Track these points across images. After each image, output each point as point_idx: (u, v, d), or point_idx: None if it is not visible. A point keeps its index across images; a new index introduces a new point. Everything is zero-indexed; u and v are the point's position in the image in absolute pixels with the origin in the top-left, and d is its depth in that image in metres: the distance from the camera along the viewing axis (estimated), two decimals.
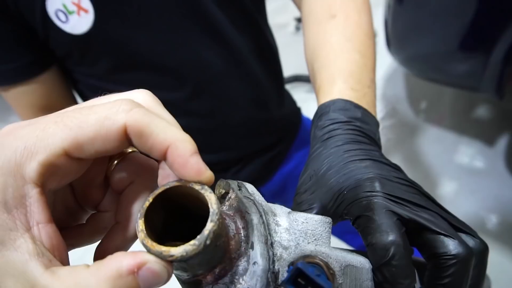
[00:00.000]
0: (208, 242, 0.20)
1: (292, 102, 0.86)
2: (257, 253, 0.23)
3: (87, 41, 0.56)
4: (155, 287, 0.20)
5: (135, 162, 0.25)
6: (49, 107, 0.64)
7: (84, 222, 0.27)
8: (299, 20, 2.89)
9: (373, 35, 0.51)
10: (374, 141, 0.38)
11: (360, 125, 0.38)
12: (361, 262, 0.28)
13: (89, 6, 0.53)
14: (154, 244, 0.20)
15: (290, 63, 2.25)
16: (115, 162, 0.25)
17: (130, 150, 0.26)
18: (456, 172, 1.69)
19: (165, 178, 0.23)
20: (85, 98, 0.70)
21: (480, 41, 1.23)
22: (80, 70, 0.63)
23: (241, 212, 0.25)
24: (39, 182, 0.20)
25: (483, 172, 1.66)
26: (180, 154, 0.21)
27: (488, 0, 1.15)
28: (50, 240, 0.20)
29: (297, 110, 0.87)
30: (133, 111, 0.20)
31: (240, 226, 0.24)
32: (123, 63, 0.60)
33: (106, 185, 0.26)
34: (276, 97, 0.77)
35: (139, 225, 0.20)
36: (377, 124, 0.41)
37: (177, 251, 0.19)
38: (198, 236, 0.20)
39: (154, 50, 0.60)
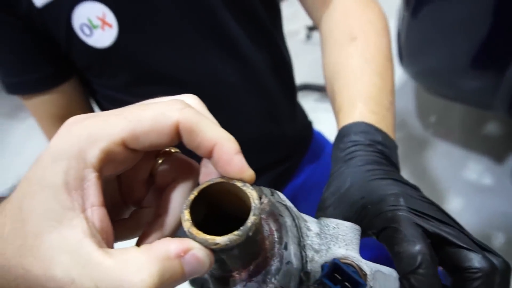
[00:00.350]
0: (250, 233, 0.21)
1: (304, 116, 0.87)
2: (291, 253, 0.24)
3: (108, 54, 0.57)
4: (196, 274, 0.21)
5: (178, 161, 0.27)
6: (67, 117, 0.65)
7: (126, 217, 0.28)
8: (310, 28, 2.89)
9: (392, 57, 0.51)
10: (393, 164, 0.39)
11: (381, 148, 0.39)
12: (389, 270, 0.29)
13: (113, 21, 0.54)
14: (200, 232, 0.21)
15: (300, 71, 2.25)
16: (161, 160, 0.27)
17: (174, 150, 0.28)
18: (463, 188, 1.68)
19: (207, 176, 0.25)
20: (102, 108, 0.71)
21: (494, 58, 1.23)
22: (99, 81, 0.64)
23: (274, 215, 0.26)
24: (98, 167, 0.21)
25: (490, 190, 1.65)
26: (226, 152, 0.22)
27: (503, 18, 1.15)
28: (101, 223, 0.21)
29: (309, 124, 0.87)
30: (185, 110, 0.22)
31: (274, 229, 0.25)
32: (142, 77, 0.61)
33: (150, 183, 0.28)
34: (289, 113, 0.77)
35: (185, 215, 0.22)
36: (396, 147, 0.42)
37: (222, 239, 0.21)
38: (241, 227, 0.21)
39: (173, 65, 0.61)
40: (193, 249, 0.21)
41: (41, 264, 0.19)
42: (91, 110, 0.71)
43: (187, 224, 0.21)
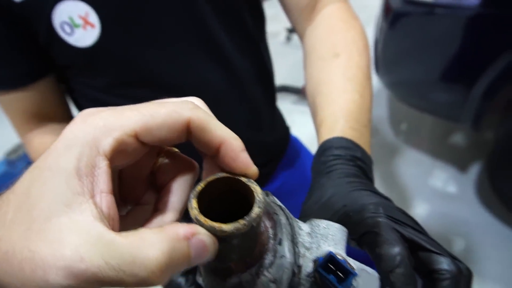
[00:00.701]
0: (254, 224, 0.22)
1: (283, 122, 0.88)
2: (285, 248, 0.25)
3: (90, 54, 0.56)
4: (200, 260, 0.22)
5: (178, 159, 0.28)
6: (41, 115, 0.63)
7: (123, 214, 0.29)
8: (290, 30, 2.91)
9: (370, 77, 0.54)
10: (370, 178, 0.42)
11: (359, 164, 0.42)
12: (372, 270, 0.31)
13: (96, 21, 0.53)
14: (207, 220, 0.22)
15: (279, 73, 2.28)
16: (162, 158, 0.28)
17: (175, 150, 0.29)
18: (429, 195, 1.75)
19: (210, 172, 0.26)
20: (80, 107, 0.69)
21: (462, 75, 1.29)
22: (80, 80, 0.62)
23: (269, 214, 0.27)
24: (110, 156, 0.22)
25: (454, 197, 1.73)
26: (233, 149, 0.24)
27: (473, 38, 1.21)
28: (109, 210, 0.22)
29: (287, 130, 0.89)
30: (197, 110, 0.24)
31: (269, 226, 0.26)
32: (125, 79, 0.60)
33: (149, 181, 0.29)
34: (269, 120, 0.78)
35: (193, 204, 0.23)
36: (372, 163, 0.45)
37: (228, 227, 0.22)
38: (247, 217, 0.22)
39: (158, 68, 0.60)
40: (200, 234, 0.22)
41: (49, 245, 0.19)
42: (67, 108, 0.69)
43: (195, 212, 0.22)
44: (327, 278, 0.25)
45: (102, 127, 0.22)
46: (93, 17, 0.53)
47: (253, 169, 0.25)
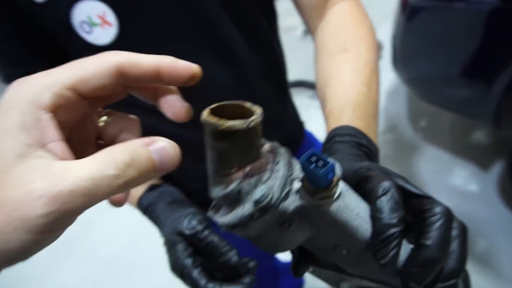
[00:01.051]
0: (251, 125, 0.25)
1: (296, 117, 0.88)
2: (281, 165, 0.28)
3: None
4: (167, 165, 0.24)
5: (119, 117, 0.30)
6: None
7: None
8: None
9: (378, 71, 0.55)
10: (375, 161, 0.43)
11: (365, 150, 0.43)
12: (363, 203, 0.32)
13: (113, 20, 0.55)
14: (212, 116, 0.26)
15: (296, 67, 2.26)
16: (104, 117, 0.30)
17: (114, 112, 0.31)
18: (448, 193, 1.72)
19: (171, 107, 0.28)
20: None
21: (483, 71, 1.25)
22: None
23: (273, 152, 0.30)
24: (51, 109, 0.23)
25: (475, 196, 1.69)
26: (169, 62, 0.26)
27: (494, 33, 1.17)
28: (64, 155, 0.23)
29: (301, 125, 0.88)
30: (120, 52, 0.26)
31: (271, 157, 0.29)
32: None
33: (97, 146, 0.30)
34: (282, 116, 0.79)
35: (204, 112, 0.26)
36: (378, 152, 0.45)
37: (227, 122, 0.25)
38: (244, 120, 0.25)
39: None
40: (160, 141, 0.24)
41: (18, 188, 0.20)
42: None
43: (205, 113, 0.26)
44: (309, 168, 0.26)
45: (40, 85, 0.23)
46: (110, 16, 0.55)
47: (195, 66, 0.28)
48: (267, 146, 0.30)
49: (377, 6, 2.76)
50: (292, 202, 0.28)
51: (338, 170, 0.28)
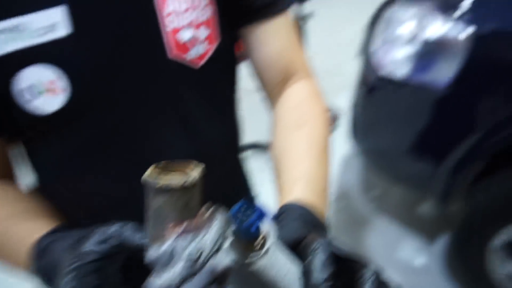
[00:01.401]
0: (186, 184, 0.28)
1: (247, 192, 0.86)
2: (217, 221, 0.29)
3: (49, 121, 0.51)
4: None
5: None
6: None
7: None
8: None
9: (329, 149, 0.59)
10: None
11: (314, 224, 0.44)
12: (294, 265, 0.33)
13: (64, 87, 0.49)
14: (153, 172, 0.29)
15: (254, 129, 2.29)
16: None
17: None
18: (396, 267, 1.73)
19: None
20: (38, 168, 0.60)
21: (431, 149, 1.33)
22: (39, 144, 0.56)
23: (213, 211, 0.31)
24: None
25: (422, 269, 1.71)
26: None
27: (442, 117, 1.26)
28: None
29: (248, 189, 0.87)
30: None
31: (210, 216, 0.30)
32: (86, 141, 0.56)
33: None
34: (236, 190, 0.77)
35: (148, 170, 0.30)
36: (327, 226, 0.47)
37: (163, 180, 0.28)
38: (180, 178, 0.28)
39: (123, 135, 0.57)
40: None
41: None
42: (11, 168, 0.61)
43: (148, 171, 0.29)
44: (235, 220, 0.29)
45: None
46: (61, 83, 0.49)
47: None
48: (207, 205, 0.31)
49: (337, 75, 2.92)
50: (225, 257, 0.29)
51: (267, 226, 0.30)
